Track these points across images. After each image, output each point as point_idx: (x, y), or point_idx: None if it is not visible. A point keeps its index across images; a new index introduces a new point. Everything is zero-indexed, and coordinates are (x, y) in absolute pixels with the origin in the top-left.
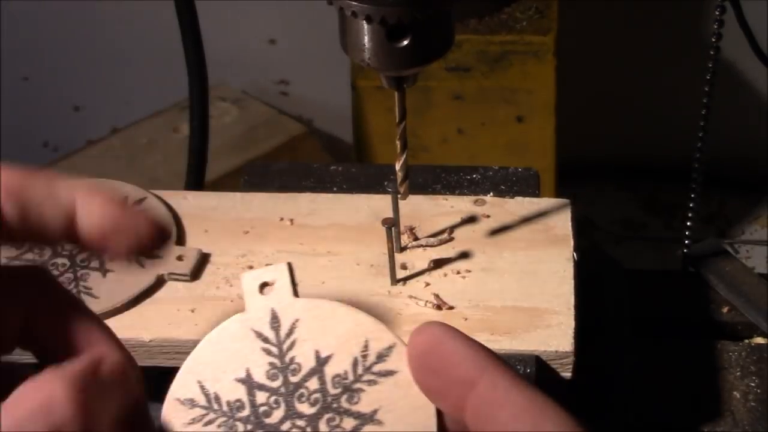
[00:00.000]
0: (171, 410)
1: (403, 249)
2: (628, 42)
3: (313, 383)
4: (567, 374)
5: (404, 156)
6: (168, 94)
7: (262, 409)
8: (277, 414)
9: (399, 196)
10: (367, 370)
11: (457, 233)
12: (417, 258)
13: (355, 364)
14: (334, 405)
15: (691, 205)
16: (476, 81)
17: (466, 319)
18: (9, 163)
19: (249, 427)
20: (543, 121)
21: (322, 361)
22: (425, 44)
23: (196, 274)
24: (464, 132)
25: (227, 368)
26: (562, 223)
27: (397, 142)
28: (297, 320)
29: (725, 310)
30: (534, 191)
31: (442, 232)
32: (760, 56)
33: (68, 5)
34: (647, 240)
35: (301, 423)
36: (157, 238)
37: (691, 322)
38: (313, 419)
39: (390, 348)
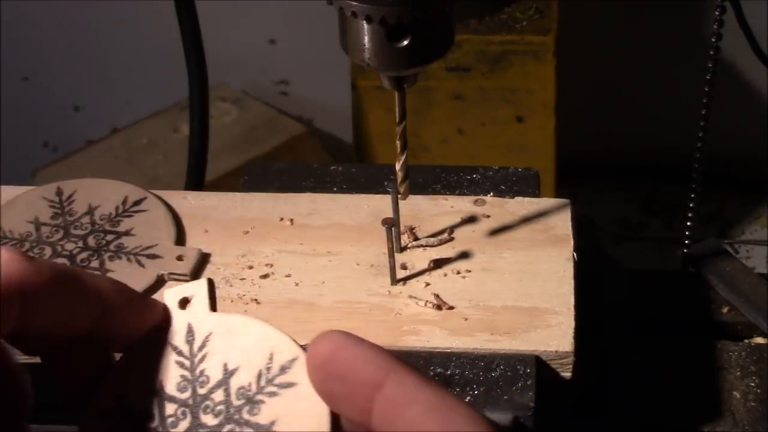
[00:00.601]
0: (90, 424)
1: (403, 249)
2: (627, 42)
3: (218, 395)
4: (567, 374)
5: (404, 156)
6: (168, 94)
7: (170, 420)
8: (183, 425)
9: (399, 196)
10: (270, 382)
11: (457, 233)
12: (417, 258)
13: (259, 376)
14: (236, 416)
15: (691, 205)
16: (476, 81)
17: (466, 319)
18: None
19: None
20: (543, 121)
21: (228, 374)
22: (425, 44)
23: (196, 274)
24: (464, 132)
25: (144, 380)
26: (562, 223)
27: (397, 142)
28: (210, 334)
29: (725, 310)
30: (534, 191)
31: (442, 232)
32: (760, 56)
33: (68, 5)
34: (647, 240)
35: None
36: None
37: (691, 322)
38: (215, 430)
39: (293, 360)
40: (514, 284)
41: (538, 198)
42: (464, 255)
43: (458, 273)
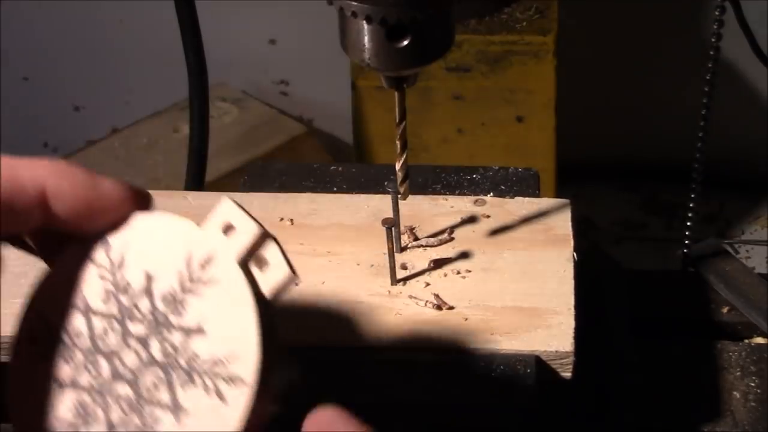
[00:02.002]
0: (18, 349)
1: (403, 249)
2: (628, 42)
3: (144, 303)
4: (567, 374)
5: (404, 156)
6: (168, 94)
7: (98, 334)
8: (113, 338)
9: (399, 196)
10: (192, 280)
11: (457, 233)
12: (417, 258)
13: (180, 278)
14: (164, 322)
15: (691, 205)
16: (476, 81)
17: (466, 319)
18: None
19: (87, 354)
20: (543, 121)
21: (150, 279)
22: (425, 44)
23: None
24: (464, 132)
25: (66, 298)
26: (562, 223)
27: (397, 142)
28: (127, 242)
29: (725, 310)
30: (534, 191)
31: (442, 232)
32: (760, 56)
33: (68, 5)
34: (647, 240)
35: (133, 344)
36: (134, 204)
37: (691, 322)
38: (144, 339)
39: (210, 257)
40: (514, 284)
41: (538, 198)
42: (464, 255)
43: (458, 273)
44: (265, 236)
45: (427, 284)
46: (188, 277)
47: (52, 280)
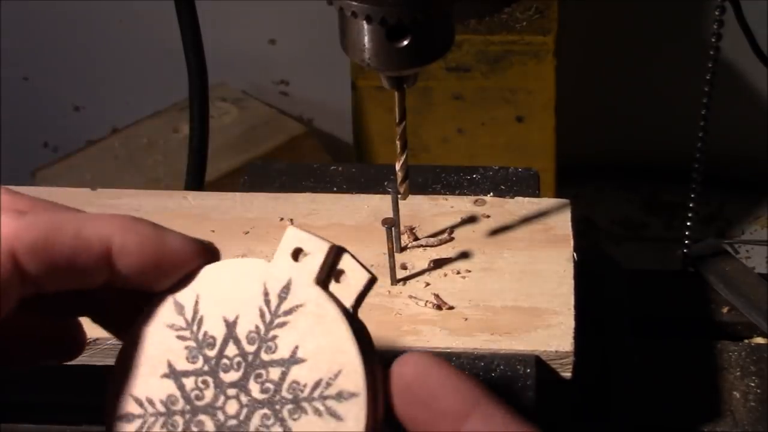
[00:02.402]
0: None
1: (403, 249)
2: (627, 42)
3: (230, 350)
4: (567, 374)
5: (404, 156)
6: (168, 94)
7: (193, 394)
8: (209, 393)
9: (399, 196)
10: (275, 315)
11: (457, 233)
12: (417, 258)
13: (262, 315)
14: (256, 362)
15: (691, 205)
16: (476, 81)
17: (466, 319)
18: (39, 207)
19: (187, 416)
20: (543, 121)
21: (231, 325)
22: (425, 44)
23: None
24: (464, 132)
25: (150, 369)
26: (562, 223)
27: (397, 142)
28: (198, 295)
29: (725, 310)
30: (534, 191)
31: (442, 232)
32: (760, 56)
33: (68, 5)
34: (647, 240)
35: (232, 392)
36: (202, 259)
37: (691, 322)
38: (241, 384)
39: (288, 284)
40: (514, 284)
41: (538, 198)
42: (464, 255)
43: (458, 273)
44: (334, 249)
45: (427, 284)
46: (270, 311)
47: (130, 353)
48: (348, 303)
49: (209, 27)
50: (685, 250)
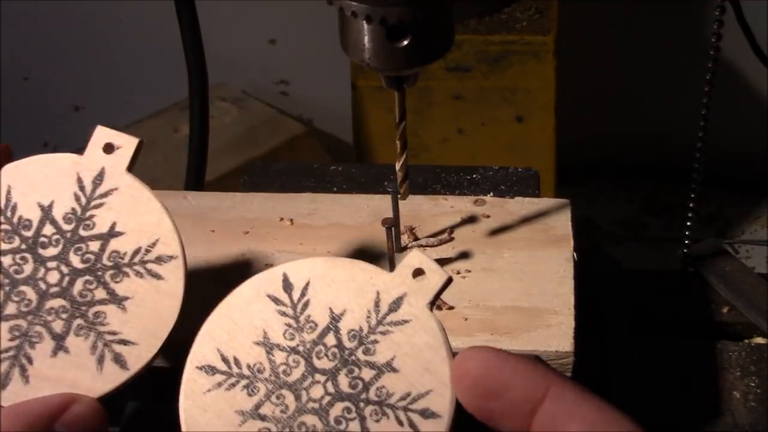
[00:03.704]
0: (192, 378)
1: (403, 249)
2: (627, 42)
3: (329, 339)
4: (567, 374)
5: (404, 156)
6: (168, 94)
7: (281, 368)
8: (297, 372)
9: (399, 196)
10: (381, 321)
11: (457, 233)
12: None
13: (368, 317)
14: (352, 358)
15: (691, 205)
16: (476, 81)
17: (466, 319)
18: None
19: (270, 386)
20: (543, 121)
21: (336, 318)
22: (425, 44)
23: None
24: (464, 132)
25: (244, 332)
26: (562, 223)
27: (397, 142)
28: (308, 282)
29: (725, 310)
30: (534, 191)
31: (442, 232)
32: (760, 56)
33: (68, 5)
34: (647, 240)
35: (320, 378)
36: None
37: (691, 322)
38: (332, 374)
39: (401, 298)
40: (514, 284)
41: (538, 198)
42: (464, 255)
43: (458, 273)
44: (450, 281)
45: None
46: (377, 318)
47: (228, 312)
48: (425, 301)
49: (209, 27)
50: (685, 250)
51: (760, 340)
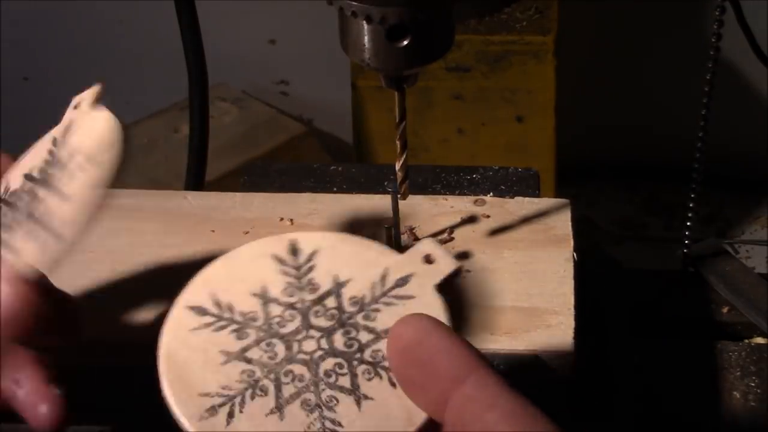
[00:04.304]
0: (179, 316)
1: (403, 249)
2: (627, 42)
3: (330, 302)
4: (567, 374)
5: (404, 156)
6: (168, 94)
7: (276, 319)
8: (292, 325)
9: (399, 196)
10: (385, 293)
11: (457, 233)
12: None
13: (373, 288)
14: (351, 321)
15: (691, 205)
16: (476, 81)
17: (466, 319)
18: None
19: (261, 334)
20: (543, 121)
21: (340, 284)
22: (425, 44)
23: None
24: (464, 132)
25: (242, 282)
26: (562, 223)
27: (397, 142)
28: (316, 250)
29: (725, 310)
30: (534, 191)
31: (442, 232)
32: (760, 56)
33: (68, 5)
34: (647, 240)
35: (315, 333)
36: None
37: (691, 322)
38: (328, 331)
39: (408, 276)
40: (514, 284)
41: (538, 198)
42: (464, 255)
43: None
44: (459, 270)
45: None
46: (382, 290)
47: (228, 263)
48: (433, 282)
49: (209, 27)
50: (685, 250)
51: (760, 340)
